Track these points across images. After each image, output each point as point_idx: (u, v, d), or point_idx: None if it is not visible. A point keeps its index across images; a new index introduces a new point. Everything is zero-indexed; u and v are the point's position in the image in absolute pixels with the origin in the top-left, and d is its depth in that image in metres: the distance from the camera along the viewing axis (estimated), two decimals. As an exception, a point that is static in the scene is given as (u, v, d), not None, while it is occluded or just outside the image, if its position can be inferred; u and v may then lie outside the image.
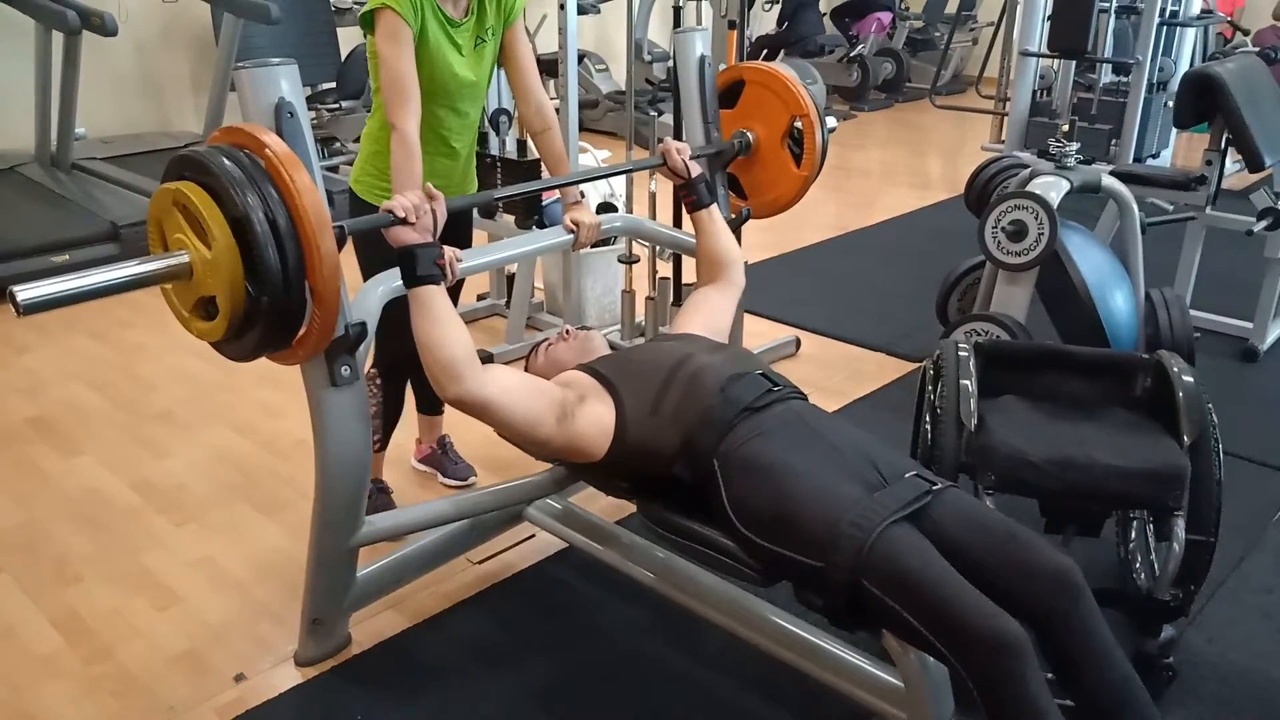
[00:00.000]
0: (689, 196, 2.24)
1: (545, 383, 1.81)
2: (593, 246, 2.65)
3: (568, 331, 2.12)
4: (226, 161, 1.50)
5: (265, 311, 1.53)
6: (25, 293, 1.38)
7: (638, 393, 1.80)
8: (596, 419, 1.78)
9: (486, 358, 2.74)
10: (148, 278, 1.52)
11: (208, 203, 1.49)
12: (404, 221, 1.67)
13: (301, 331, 1.63)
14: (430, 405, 2.77)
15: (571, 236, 2.38)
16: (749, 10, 3.41)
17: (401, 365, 2.46)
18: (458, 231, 2.45)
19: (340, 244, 1.62)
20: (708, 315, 2.12)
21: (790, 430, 1.71)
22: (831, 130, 2.54)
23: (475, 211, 2.93)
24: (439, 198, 1.73)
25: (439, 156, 2.34)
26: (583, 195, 2.49)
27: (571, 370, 1.92)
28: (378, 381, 2.48)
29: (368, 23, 2.16)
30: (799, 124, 2.47)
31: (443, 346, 1.66)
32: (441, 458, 2.81)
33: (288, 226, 1.50)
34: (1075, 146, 2.95)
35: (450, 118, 2.32)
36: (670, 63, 3.51)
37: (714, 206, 2.25)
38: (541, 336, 2.12)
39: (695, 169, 2.24)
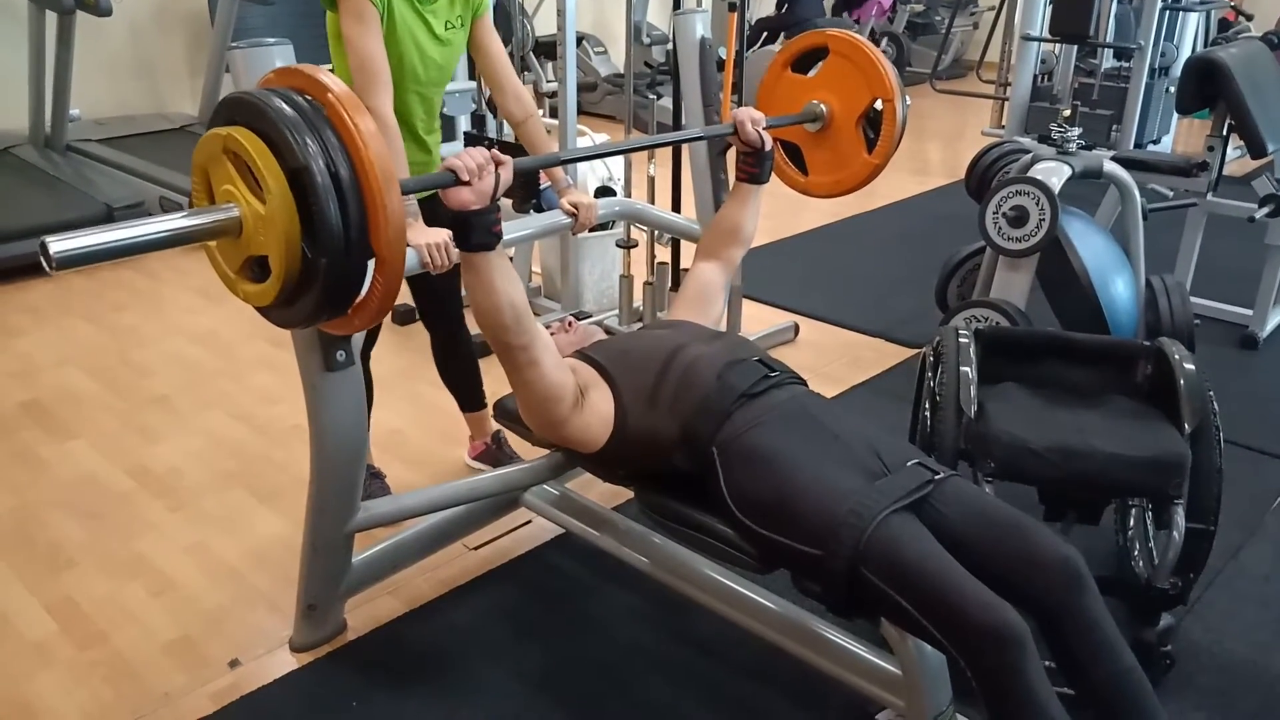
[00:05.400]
0: (753, 168, 2.13)
1: (567, 366, 1.79)
2: (591, 231, 2.63)
3: (569, 324, 2.10)
4: (285, 106, 1.34)
5: (323, 275, 1.36)
6: (58, 244, 1.22)
7: (634, 383, 1.78)
8: (600, 410, 1.77)
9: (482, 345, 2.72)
10: (193, 232, 1.37)
11: (263, 151, 1.33)
12: (463, 183, 1.55)
13: (360, 298, 1.47)
14: (472, 402, 2.72)
15: (571, 220, 2.36)
16: (749, -8, 3.38)
17: (365, 349, 2.42)
18: None
19: None
20: (707, 301, 2.10)
21: (790, 419, 1.70)
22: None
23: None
24: (506, 162, 1.60)
25: (412, 148, 2.28)
26: (571, 182, 2.46)
27: (571, 358, 1.90)
28: None
29: (331, 3, 2.10)
30: (879, 106, 2.27)
31: (501, 310, 1.60)
32: (496, 452, 2.77)
33: (350, 180, 1.33)
34: (1076, 132, 2.92)
35: (418, 105, 2.27)
36: (670, 45, 3.49)
37: (763, 187, 2.17)
38: (541, 323, 2.09)
39: (768, 141, 2.12)
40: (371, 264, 1.40)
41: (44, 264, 1.23)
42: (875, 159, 2.26)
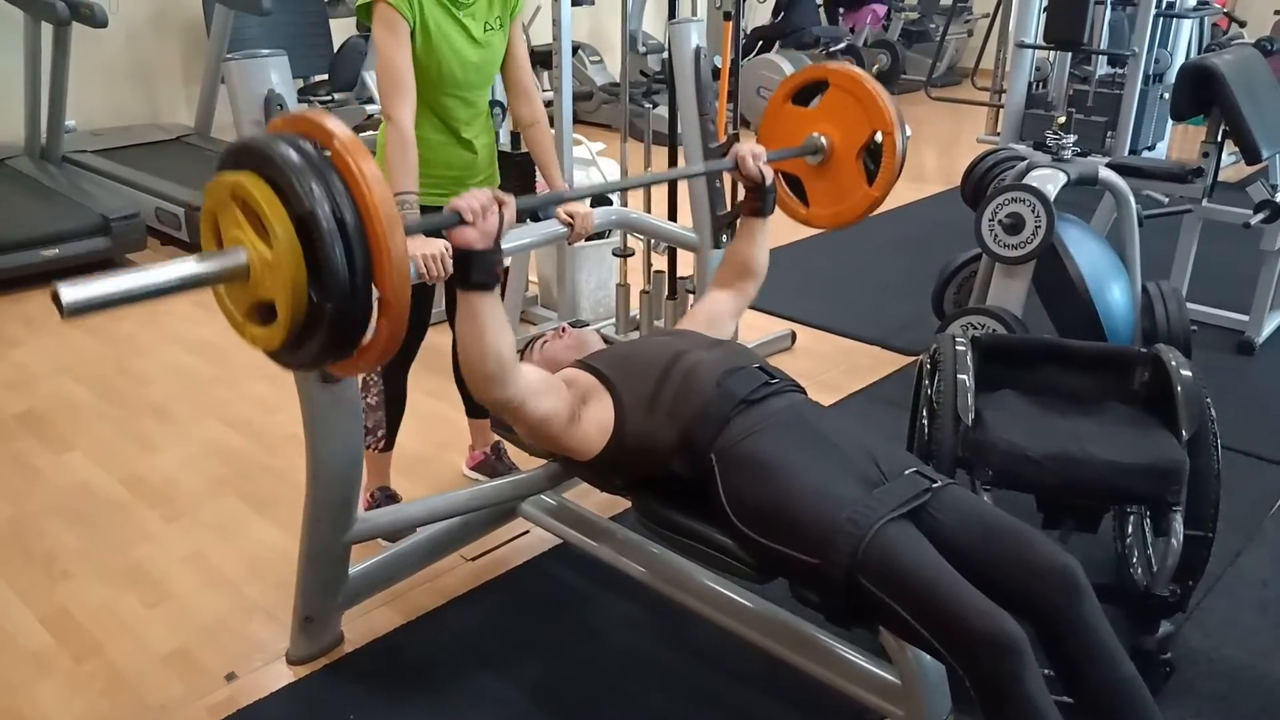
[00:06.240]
0: (756, 202, 2.12)
1: (558, 382, 1.78)
2: (587, 240, 2.63)
3: (564, 330, 2.10)
4: (292, 153, 1.36)
5: (329, 318, 1.37)
6: (71, 293, 1.21)
7: (634, 389, 1.78)
8: (598, 419, 1.76)
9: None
10: (203, 278, 1.38)
11: (270, 198, 1.34)
12: (467, 223, 1.56)
13: (365, 341, 1.48)
14: (480, 408, 2.69)
15: (567, 229, 2.36)
16: (744, 1, 3.39)
17: (403, 363, 2.43)
18: None
19: None
20: (712, 318, 2.09)
21: (789, 427, 1.70)
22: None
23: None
24: (509, 202, 1.61)
25: (454, 147, 2.31)
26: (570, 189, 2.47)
27: (570, 369, 1.89)
28: (379, 369, 2.44)
29: (365, 14, 2.14)
30: (879, 139, 2.27)
31: (487, 358, 1.60)
32: (495, 463, 2.76)
33: (355, 225, 1.34)
34: (1071, 139, 2.93)
35: (459, 107, 2.29)
36: (665, 54, 3.50)
37: (769, 219, 2.17)
38: (536, 332, 2.09)
39: (769, 175, 2.11)
40: (376, 305, 1.41)
41: (57, 311, 1.21)
42: (875, 191, 2.26)
